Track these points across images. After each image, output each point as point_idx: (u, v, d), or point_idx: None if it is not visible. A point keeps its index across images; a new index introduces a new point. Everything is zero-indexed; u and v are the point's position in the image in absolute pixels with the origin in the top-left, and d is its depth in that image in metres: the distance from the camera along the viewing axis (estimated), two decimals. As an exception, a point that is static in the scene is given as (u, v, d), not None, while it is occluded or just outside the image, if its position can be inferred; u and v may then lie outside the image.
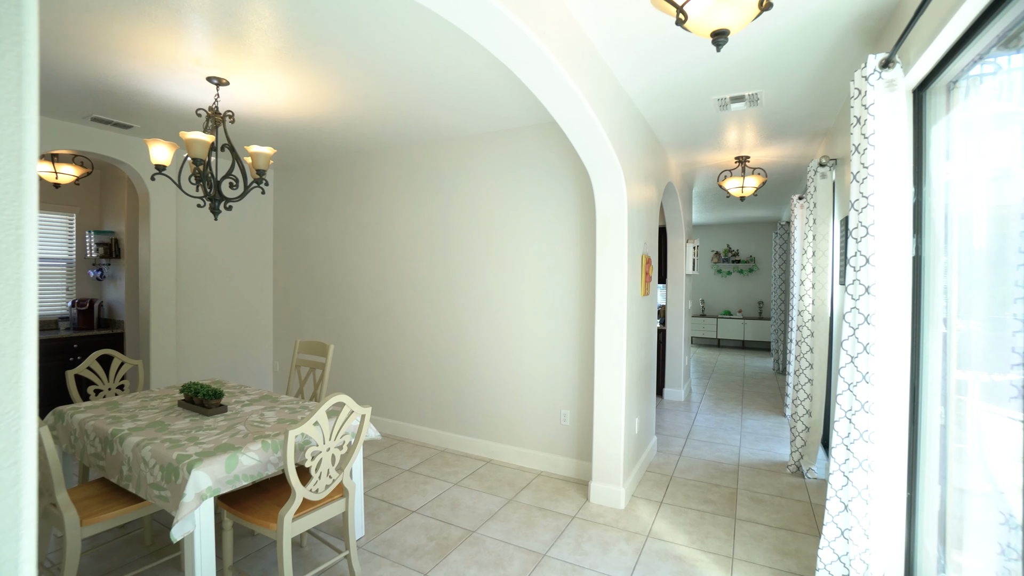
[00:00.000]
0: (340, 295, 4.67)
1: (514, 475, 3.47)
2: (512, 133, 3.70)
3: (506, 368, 3.73)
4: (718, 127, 3.62)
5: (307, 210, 4.90)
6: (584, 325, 3.44)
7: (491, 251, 3.80)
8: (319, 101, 3.13)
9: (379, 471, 3.50)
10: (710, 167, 4.89)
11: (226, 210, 2.70)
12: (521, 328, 3.67)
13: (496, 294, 3.78)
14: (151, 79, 2.78)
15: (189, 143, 2.44)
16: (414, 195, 4.18)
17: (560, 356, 3.52)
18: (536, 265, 3.61)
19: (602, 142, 2.67)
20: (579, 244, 3.46)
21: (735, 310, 10.14)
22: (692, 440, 4.24)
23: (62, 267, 4.79)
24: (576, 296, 3.47)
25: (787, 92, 2.94)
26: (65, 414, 2.45)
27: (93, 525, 2.01)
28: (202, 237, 4.55)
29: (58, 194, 4.71)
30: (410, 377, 4.23)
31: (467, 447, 3.90)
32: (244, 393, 2.85)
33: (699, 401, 5.58)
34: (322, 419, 1.91)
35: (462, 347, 3.94)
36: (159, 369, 4.16)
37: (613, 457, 3.01)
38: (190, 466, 1.82)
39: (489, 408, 3.81)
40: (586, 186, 3.43)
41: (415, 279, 4.19)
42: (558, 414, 3.53)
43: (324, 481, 2.02)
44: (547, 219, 3.58)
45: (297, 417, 2.42)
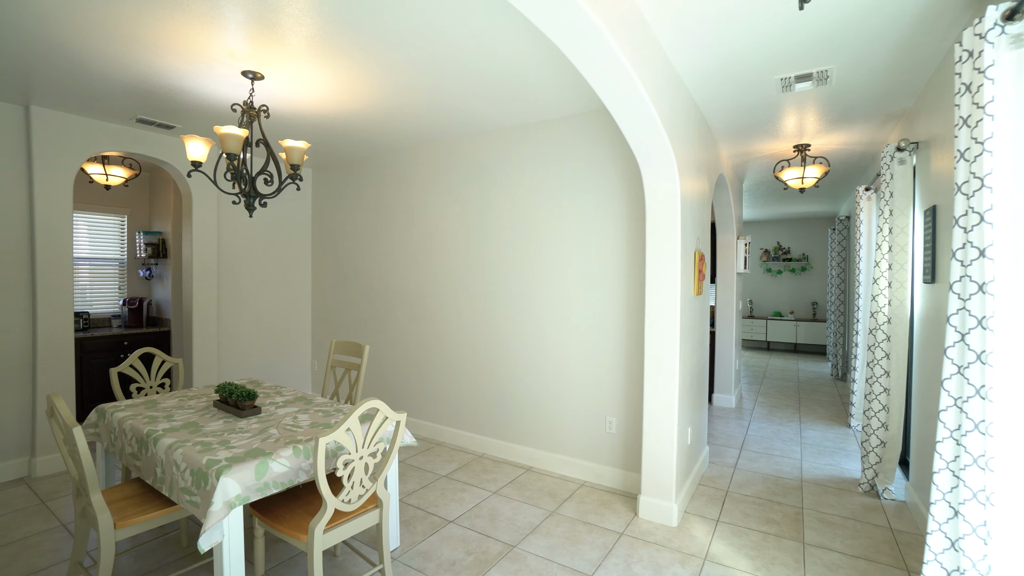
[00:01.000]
0: (376, 294, 4.61)
1: (556, 485, 3.29)
2: (553, 124, 3.51)
3: (548, 371, 3.55)
4: (777, 112, 3.32)
5: (344, 209, 4.87)
6: (632, 326, 3.21)
7: (532, 248, 3.63)
8: (354, 94, 3.04)
9: (415, 476, 3.39)
10: (764, 157, 4.55)
11: (261, 206, 2.64)
12: (564, 329, 3.47)
13: (537, 293, 3.60)
14: (189, 76, 2.75)
15: (223, 137, 2.38)
16: (451, 192, 4.06)
17: (606, 359, 3.30)
18: (579, 263, 3.41)
19: (655, 129, 2.44)
20: (625, 241, 3.24)
21: (786, 311, 9.57)
22: (747, 451, 3.93)
23: (115, 267, 4.94)
24: (623, 295, 3.25)
25: (863, 67, 2.62)
26: (106, 412, 2.45)
27: (127, 528, 1.97)
28: (243, 237, 4.58)
29: (111, 196, 4.86)
30: (447, 379, 4.11)
31: (506, 453, 3.74)
32: (279, 394, 2.79)
33: (751, 408, 5.22)
34: (354, 426, 1.79)
35: (501, 348, 3.78)
36: (201, 367, 4.21)
37: (665, 469, 2.78)
38: (219, 472, 1.73)
39: (529, 413, 3.64)
40: (633, 178, 3.20)
41: (453, 278, 4.06)
42: (603, 421, 3.32)
43: (357, 491, 1.90)
44: (590, 214, 3.37)
45: (331, 421, 2.32)
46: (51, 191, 3.40)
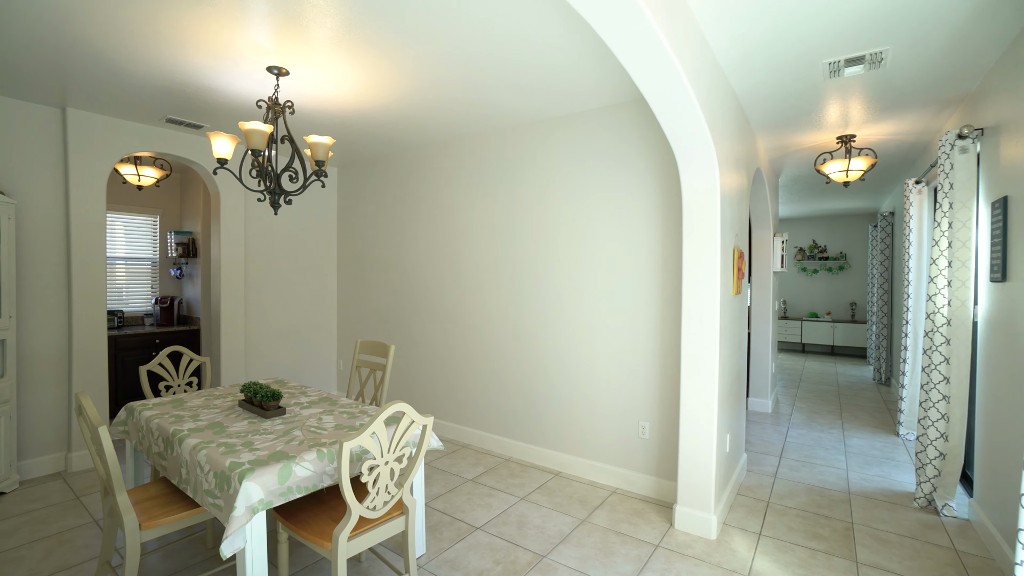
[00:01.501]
0: (402, 294, 4.56)
1: (586, 491, 3.16)
2: (583, 117, 3.39)
3: (577, 373, 3.42)
4: (821, 101, 3.12)
5: (369, 208, 4.85)
6: (666, 328, 3.06)
7: (560, 246, 3.51)
8: (379, 89, 2.98)
9: (441, 479, 3.31)
10: (804, 150, 4.32)
11: (286, 204, 2.60)
12: (594, 330, 3.35)
13: (566, 292, 3.48)
14: (215, 73, 2.74)
15: (248, 133, 2.35)
16: (477, 189, 3.98)
17: (638, 362, 3.16)
18: (610, 261, 3.28)
19: (695, 119, 2.30)
20: (659, 238, 3.09)
21: (822, 312, 9.18)
22: (787, 459, 3.72)
23: (148, 266, 5.03)
24: (656, 295, 3.10)
25: (923, 47, 2.42)
26: (135, 410, 2.44)
27: (152, 529, 1.94)
28: (269, 236, 4.60)
29: (143, 197, 4.96)
30: (473, 380, 4.03)
31: (534, 457, 3.63)
32: (304, 394, 2.74)
33: (789, 413, 4.98)
34: (379, 430, 1.71)
35: (529, 349, 3.68)
36: (229, 365, 4.24)
37: (703, 479, 2.63)
38: (241, 476, 1.68)
39: (558, 416, 3.52)
40: (668, 173, 3.05)
41: (479, 277, 3.98)
42: (635, 426, 3.18)
43: (382, 498, 1.82)
44: (622, 210, 3.23)
45: (355, 423, 2.26)
46: (86, 191, 3.45)
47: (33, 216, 3.31)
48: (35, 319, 3.33)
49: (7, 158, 3.20)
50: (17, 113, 3.23)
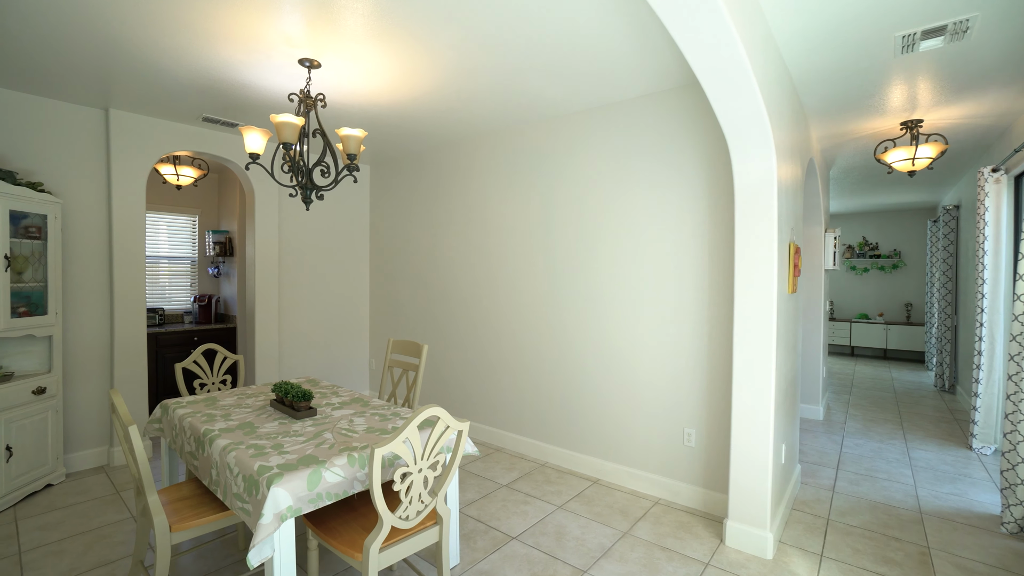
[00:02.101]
0: (434, 292, 4.48)
1: (627, 501, 2.99)
2: (625, 106, 3.21)
3: (618, 376, 3.25)
4: (887, 81, 2.85)
5: (401, 205, 4.79)
6: (714, 328, 2.86)
7: (600, 242, 3.34)
8: (411, 80, 2.89)
9: (474, 485, 3.20)
10: (862, 138, 4.01)
11: (318, 199, 2.54)
12: (636, 330, 3.17)
13: (607, 290, 3.31)
14: (248, 68, 2.70)
15: (279, 126, 2.29)
16: (513, 184, 3.85)
17: (684, 364, 2.97)
18: (653, 258, 3.10)
19: (754, 104, 2.10)
20: (707, 233, 2.89)
21: (873, 313, 8.65)
22: (845, 471, 3.44)
23: (187, 265, 5.13)
24: (703, 294, 2.90)
25: (1020, 10, 2.14)
26: (169, 408, 2.42)
27: (182, 532, 1.89)
28: (303, 234, 4.60)
29: (182, 197, 5.05)
30: (508, 381, 3.90)
31: (571, 463, 3.48)
32: (335, 394, 2.68)
33: (843, 421, 4.65)
34: (413, 435, 1.60)
35: (567, 351, 3.52)
36: (263, 363, 4.25)
37: (757, 492, 2.42)
38: (270, 481, 1.60)
39: (597, 421, 3.35)
40: (717, 163, 2.85)
41: (514, 275, 3.85)
42: (680, 433, 2.99)
43: (415, 507, 1.71)
44: (666, 204, 3.04)
45: (387, 426, 2.16)
46: (127, 191, 3.51)
47: (78, 215, 3.37)
48: (79, 316, 3.40)
49: (54, 159, 3.27)
50: (64, 115, 3.30)
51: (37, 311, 3.06)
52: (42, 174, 3.23)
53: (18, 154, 3.15)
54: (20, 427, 2.92)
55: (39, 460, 3.04)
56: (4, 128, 3.09)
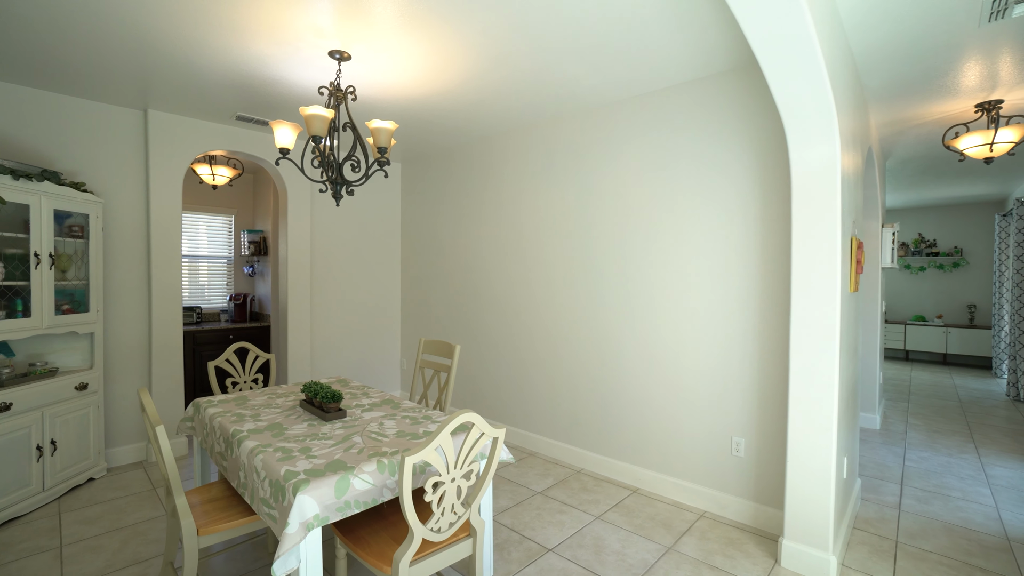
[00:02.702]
0: (466, 291, 4.39)
1: (670, 513, 2.80)
2: (666, 94, 3.03)
3: (659, 380, 3.07)
4: (965, 56, 2.56)
5: (432, 203, 4.72)
6: (766, 330, 2.65)
7: (640, 239, 3.17)
8: (443, 71, 2.79)
9: (507, 491, 3.08)
10: (926, 124, 3.68)
11: (348, 194, 2.47)
12: (680, 332, 2.98)
13: (647, 291, 3.14)
14: (278, 62, 2.66)
15: (309, 119, 2.23)
16: (548, 179, 3.71)
17: (732, 368, 2.76)
18: (698, 254, 2.90)
19: (818, 79, 1.90)
20: (758, 227, 2.68)
21: (931, 315, 8.08)
22: (911, 488, 3.15)
23: (224, 264, 5.21)
24: (753, 292, 2.69)
25: None
26: (201, 406, 2.40)
27: (211, 535, 1.84)
28: (335, 233, 4.59)
29: (219, 197, 5.14)
30: (542, 384, 3.77)
31: (608, 470, 3.31)
32: (366, 395, 2.60)
33: (902, 431, 4.31)
34: (445, 442, 1.49)
35: (604, 351, 3.36)
36: (295, 362, 4.25)
37: (817, 510, 2.20)
38: (296, 488, 1.51)
39: (637, 426, 3.18)
40: (768, 152, 2.63)
41: (549, 273, 3.71)
42: (728, 442, 2.78)
43: (448, 519, 1.60)
44: (712, 198, 2.85)
45: (419, 430, 2.06)
46: (164, 190, 3.55)
47: (117, 215, 3.43)
48: (119, 313, 3.46)
49: (96, 160, 3.34)
50: (105, 117, 3.36)
51: (80, 308, 3.12)
52: (84, 175, 3.30)
53: (63, 155, 3.22)
54: (64, 422, 2.97)
55: (82, 454, 3.10)
56: (50, 130, 3.17)
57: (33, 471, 2.79)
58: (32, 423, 2.78)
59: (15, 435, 2.69)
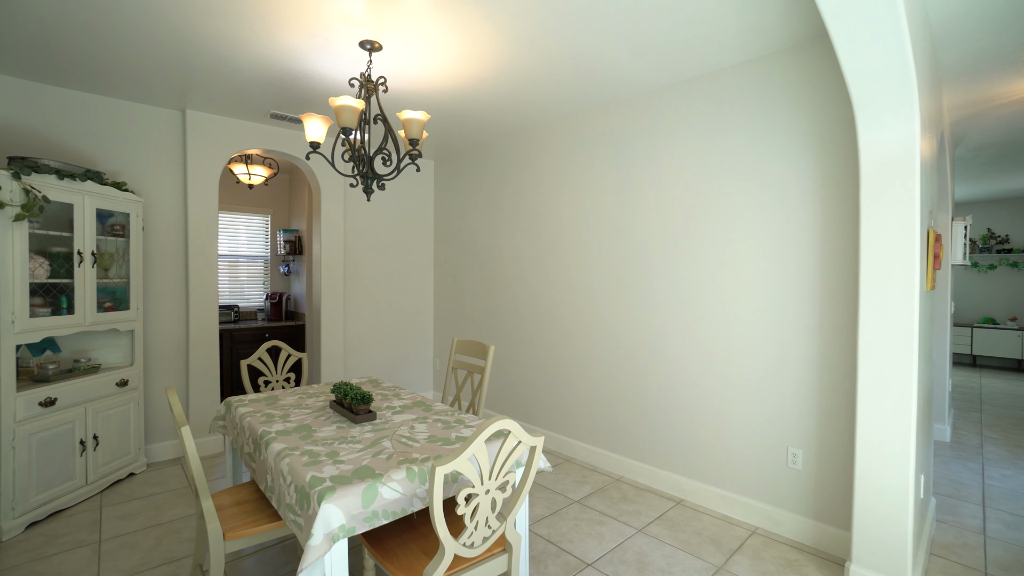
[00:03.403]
0: (500, 290, 4.27)
1: (718, 527, 2.60)
2: (713, 79, 2.82)
3: (707, 385, 2.86)
4: (1070, 21, 2.25)
5: (466, 200, 4.63)
6: (827, 330, 2.41)
7: (685, 236, 2.97)
8: (476, 60, 2.68)
9: (543, 499, 2.94)
10: (1008, 104, 3.31)
11: (379, 189, 2.39)
12: (729, 334, 2.76)
13: (693, 288, 2.93)
14: (309, 55, 2.61)
15: (339, 110, 2.15)
16: (585, 174, 3.55)
17: (789, 373, 2.54)
18: (750, 249, 2.68)
19: (898, 50, 1.69)
20: (817, 220, 2.44)
21: (1002, 317, 7.44)
22: (996, 510, 2.82)
23: (261, 263, 5.28)
24: (813, 290, 2.46)
25: None
26: (232, 405, 2.37)
27: (237, 540, 1.78)
28: (368, 232, 4.56)
29: (256, 198, 5.21)
30: (579, 386, 3.61)
31: (650, 479, 3.12)
32: (397, 397, 2.52)
33: (977, 445, 3.92)
34: (479, 452, 1.36)
35: (646, 353, 3.17)
36: (328, 361, 4.24)
37: (892, 534, 1.96)
38: (321, 496, 1.42)
39: (681, 433, 2.98)
40: (829, 139, 2.40)
41: (586, 272, 3.55)
42: (783, 453, 2.55)
43: (481, 533, 1.48)
44: (764, 189, 2.62)
45: (451, 435, 1.95)
46: (201, 190, 3.59)
47: (156, 214, 3.48)
48: (158, 311, 3.51)
49: (136, 160, 3.40)
50: (145, 117, 3.42)
51: (121, 306, 3.17)
52: (126, 174, 3.36)
53: (105, 156, 3.29)
54: (105, 417, 3.02)
55: (123, 450, 3.15)
56: (94, 131, 3.24)
57: (77, 465, 2.84)
58: (76, 418, 2.83)
59: (60, 429, 2.74)
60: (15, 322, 2.52)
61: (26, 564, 2.28)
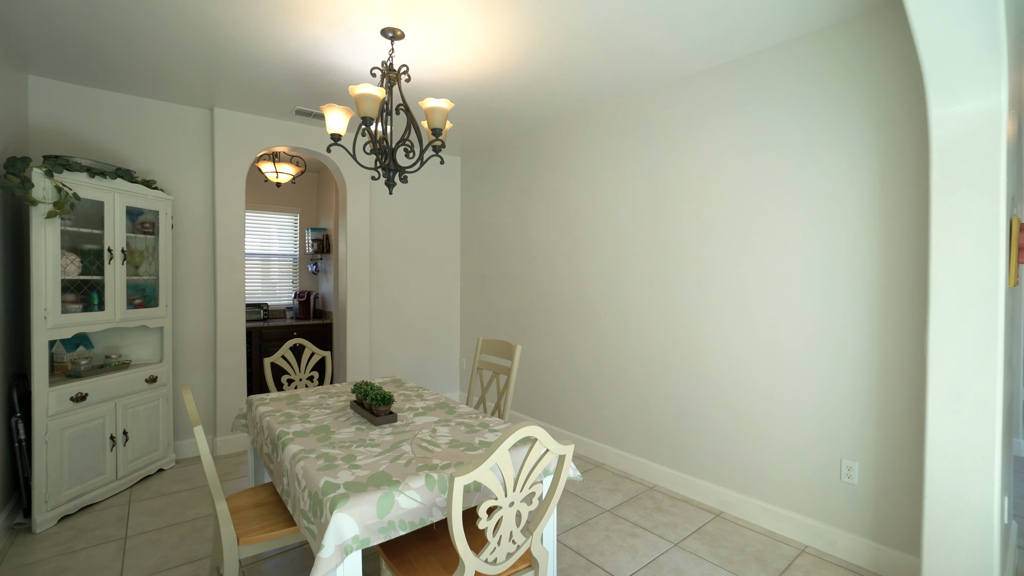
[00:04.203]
0: (529, 289, 4.14)
1: (763, 544, 2.40)
2: (756, 59, 2.62)
3: (749, 389, 2.66)
4: None
5: (493, 196, 4.52)
6: (888, 330, 2.18)
7: (726, 231, 2.77)
8: (502, 46, 2.56)
9: (572, 507, 2.79)
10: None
11: (401, 182, 2.30)
12: (773, 332, 2.56)
13: (735, 285, 2.74)
14: (331, 45, 2.55)
15: (359, 99, 2.07)
16: (616, 168, 3.39)
17: (842, 378, 2.31)
18: (798, 242, 2.47)
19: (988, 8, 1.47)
20: (876, 208, 2.22)
21: (1075, 319, 6.81)
22: (1082, 533, 2.51)
23: (290, 262, 5.31)
24: (870, 286, 2.23)
25: None
26: (253, 404, 2.32)
27: (252, 545, 1.71)
28: (394, 229, 4.51)
29: (285, 197, 5.24)
30: (611, 389, 3.44)
31: (687, 488, 2.94)
32: (420, 398, 2.42)
33: (1054, 459, 3.55)
34: (502, 460, 1.24)
35: (683, 355, 2.99)
36: (354, 360, 4.20)
37: (973, 563, 1.73)
38: (334, 504, 1.33)
39: (721, 441, 2.78)
40: (889, 118, 2.17)
41: (619, 271, 3.39)
42: (837, 465, 2.33)
43: (505, 548, 1.35)
44: (815, 176, 2.41)
45: (474, 440, 1.83)
46: (229, 188, 3.59)
47: (184, 212, 3.51)
48: (186, 309, 3.53)
49: (166, 158, 3.43)
50: (175, 116, 3.45)
51: (150, 303, 3.20)
52: (155, 173, 3.39)
53: (136, 154, 3.32)
54: (135, 413, 3.04)
55: (151, 445, 3.17)
56: (125, 130, 3.28)
57: (107, 460, 2.86)
58: (106, 413, 2.85)
59: (91, 424, 2.77)
60: (47, 318, 2.55)
61: (54, 558, 2.29)
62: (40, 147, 3.03)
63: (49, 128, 3.05)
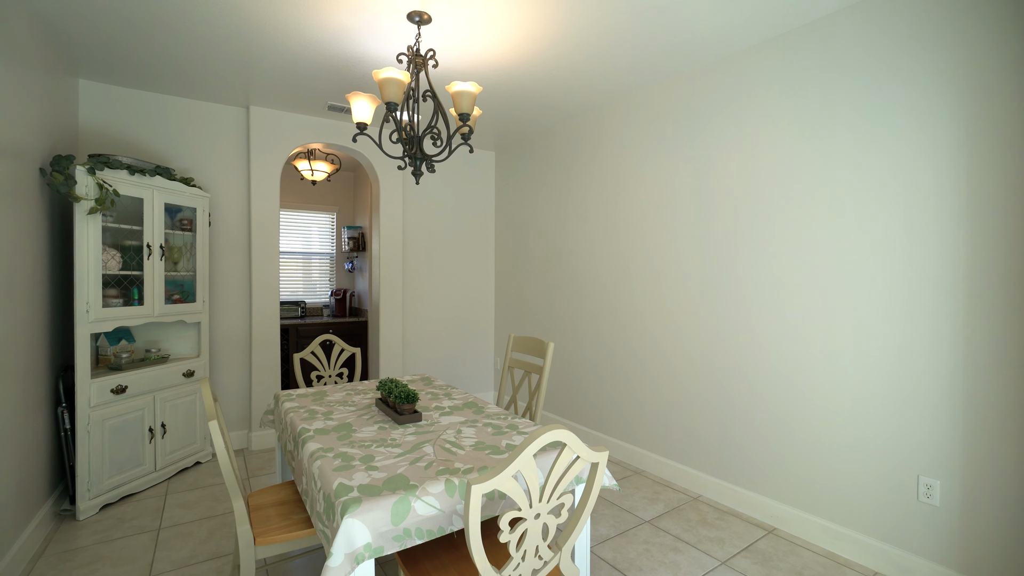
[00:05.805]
0: (564, 286, 3.99)
1: (823, 568, 2.15)
2: (814, 29, 2.37)
3: (806, 394, 2.41)
4: None
5: (527, 191, 4.39)
6: (974, 330, 1.90)
7: (779, 221, 2.53)
8: (533, 29, 2.42)
9: (609, 516, 2.62)
10: None
11: (428, 171, 2.21)
12: (835, 333, 2.30)
13: (788, 281, 2.49)
14: (358, 34, 2.49)
15: (383, 83, 1.99)
16: (657, 156, 3.19)
17: (918, 383, 2.04)
18: (862, 241, 2.21)
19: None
20: (960, 190, 1.94)
21: None
22: None
23: (327, 260, 5.37)
24: (953, 280, 1.95)
25: None
26: (280, 399, 2.28)
27: (269, 546, 1.65)
28: (427, 226, 4.46)
29: (321, 195, 5.29)
30: (651, 391, 3.24)
31: (735, 501, 2.70)
32: (448, 397, 2.32)
33: None
34: (527, 467, 1.10)
35: (730, 356, 2.76)
36: (387, 357, 4.16)
37: (1089, 605, 1.46)
38: (345, 508, 1.23)
39: (774, 451, 2.54)
40: (979, 86, 1.89)
41: (660, 266, 3.19)
42: (913, 483, 2.06)
43: (530, 565, 1.21)
44: (884, 157, 2.14)
45: (501, 443, 1.71)
46: (264, 185, 3.63)
47: (220, 209, 3.56)
48: (223, 305, 3.58)
49: (204, 156, 3.49)
50: (212, 115, 3.50)
51: (188, 299, 3.25)
52: (193, 171, 3.46)
53: (175, 153, 3.40)
54: (173, 407, 3.09)
55: (188, 439, 3.22)
56: (165, 129, 3.35)
57: (146, 451, 2.91)
58: (145, 406, 2.90)
59: (130, 416, 2.82)
60: (89, 311, 2.60)
61: (93, 546, 2.33)
62: (88, 147, 3.13)
63: (96, 129, 3.15)
